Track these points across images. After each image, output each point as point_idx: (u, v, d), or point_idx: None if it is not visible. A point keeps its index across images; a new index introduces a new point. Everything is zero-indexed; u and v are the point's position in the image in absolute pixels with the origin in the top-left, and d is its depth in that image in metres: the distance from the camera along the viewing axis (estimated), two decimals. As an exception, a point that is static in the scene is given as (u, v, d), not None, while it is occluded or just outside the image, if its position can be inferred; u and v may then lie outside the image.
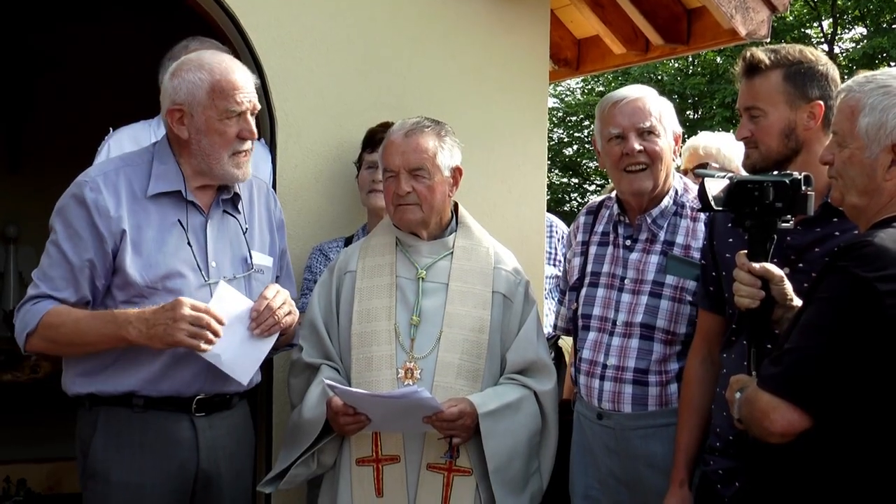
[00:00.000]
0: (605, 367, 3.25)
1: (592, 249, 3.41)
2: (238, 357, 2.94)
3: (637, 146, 3.22)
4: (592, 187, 22.57)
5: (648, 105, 3.26)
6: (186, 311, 2.78)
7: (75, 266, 2.90)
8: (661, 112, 3.26)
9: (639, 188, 3.27)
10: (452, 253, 3.27)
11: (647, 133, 3.23)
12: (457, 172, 3.28)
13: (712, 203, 2.59)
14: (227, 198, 3.08)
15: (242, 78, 2.99)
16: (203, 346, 2.82)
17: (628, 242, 3.31)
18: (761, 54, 2.87)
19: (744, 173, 3.64)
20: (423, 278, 3.24)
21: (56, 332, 2.89)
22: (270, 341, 3.01)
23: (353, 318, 3.22)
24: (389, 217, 3.30)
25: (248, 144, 3.00)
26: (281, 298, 3.00)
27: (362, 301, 3.23)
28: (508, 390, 3.20)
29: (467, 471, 3.14)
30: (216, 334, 2.82)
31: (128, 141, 3.57)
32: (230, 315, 2.89)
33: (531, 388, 3.22)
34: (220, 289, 2.91)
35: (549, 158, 4.37)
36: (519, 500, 3.16)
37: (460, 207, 3.38)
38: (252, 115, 3.01)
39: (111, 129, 3.80)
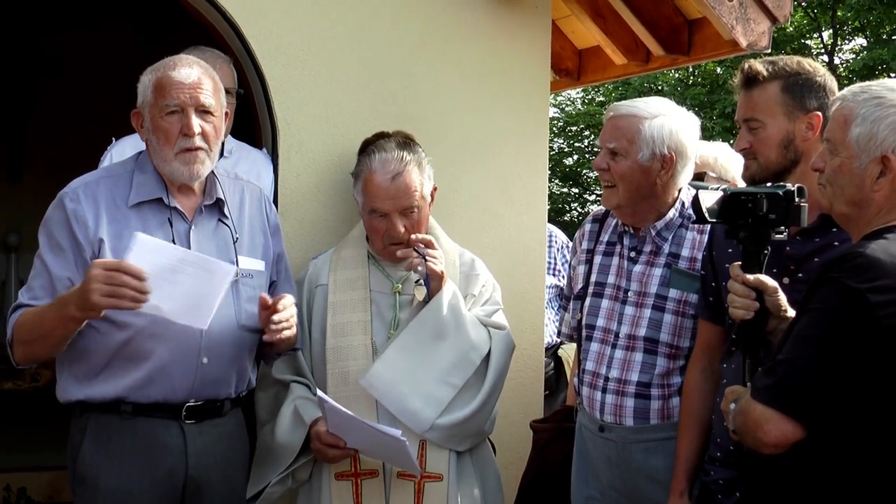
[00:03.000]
0: (607, 379, 3.23)
1: (597, 259, 3.40)
2: (184, 304, 2.77)
3: (602, 164, 3.22)
4: (592, 197, 22.59)
5: (627, 125, 3.18)
6: (97, 271, 2.64)
7: (55, 277, 2.90)
8: (638, 133, 3.16)
9: (606, 204, 3.29)
10: None
11: (613, 153, 3.20)
12: (434, 191, 3.33)
13: (706, 215, 2.61)
14: (209, 203, 3.07)
15: (185, 74, 2.94)
16: (127, 303, 2.65)
17: (633, 254, 3.30)
18: (759, 66, 2.88)
19: (740, 183, 3.64)
20: (399, 291, 3.26)
21: (24, 331, 2.89)
22: (223, 282, 2.81)
23: (327, 332, 3.23)
24: (377, 250, 3.30)
25: (194, 141, 2.93)
26: (292, 311, 2.98)
27: (336, 315, 3.24)
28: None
29: (438, 476, 3.14)
30: (140, 290, 2.65)
31: (130, 150, 3.55)
32: (156, 265, 2.67)
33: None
34: (134, 240, 2.69)
35: (549, 168, 4.37)
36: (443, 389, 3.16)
37: (431, 219, 3.41)
38: (202, 112, 2.94)
39: (113, 138, 3.82)
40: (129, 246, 2.69)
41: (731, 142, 3.64)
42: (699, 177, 4.31)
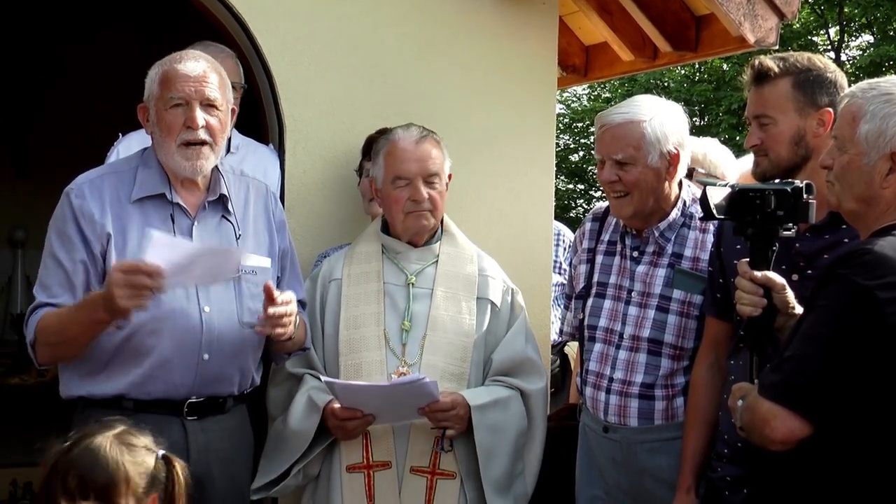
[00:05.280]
0: (611, 380, 3.22)
1: (599, 258, 3.38)
2: (204, 278, 2.84)
3: (612, 176, 3.16)
4: (598, 193, 22.55)
5: (628, 133, 3.14)
6: (116, 275, 2.67)
7: (69, 269, 2.90)
8: (642, 138, 3.12)
9: (620, 214, 3.25)
10: (438, 259, 3.31)
11: (622, 164, 3.15)
12: (449, 179, 3.34)
13: (714, 211, 2.60)
14: (213, 199, 3.06)
15: (191, 67, 2.94)
16: (149, 301, 2.69)
17: (635, 254, 3.27)
18: (770, 62, 2.86)
19: (729, 179, 3.62)
20: (413, 284, 3.26)
21: (48, 335, 2.89)
22: (238, 260, 2.85)
23: (341, 324, 3.24)
24: (397, 224, 3.29)
25: (198, 134, 2.92)
26: (293, 308, 2.96)
27: (349, 308, 3.25)
28: (496, 389, 3.25)
29: (451, 474, 3.16)
30: (158, 288, 2.67)
31: (136, 146, 3.54)
32: (171, 260, 2.68)
33: (518, 388, 3.27)
34: (149, 238, 2.72)
35: (555, 165, 4.37)
36: (505, 499, 3.17)
37: (447, 218, 3.41)
38: (206, 106, 2.94)
39: (120, 134, 3.82)
40: (144, 245, 2.72)
41: (738, 138, 3.62)
42: (688, 173, 4.29)
